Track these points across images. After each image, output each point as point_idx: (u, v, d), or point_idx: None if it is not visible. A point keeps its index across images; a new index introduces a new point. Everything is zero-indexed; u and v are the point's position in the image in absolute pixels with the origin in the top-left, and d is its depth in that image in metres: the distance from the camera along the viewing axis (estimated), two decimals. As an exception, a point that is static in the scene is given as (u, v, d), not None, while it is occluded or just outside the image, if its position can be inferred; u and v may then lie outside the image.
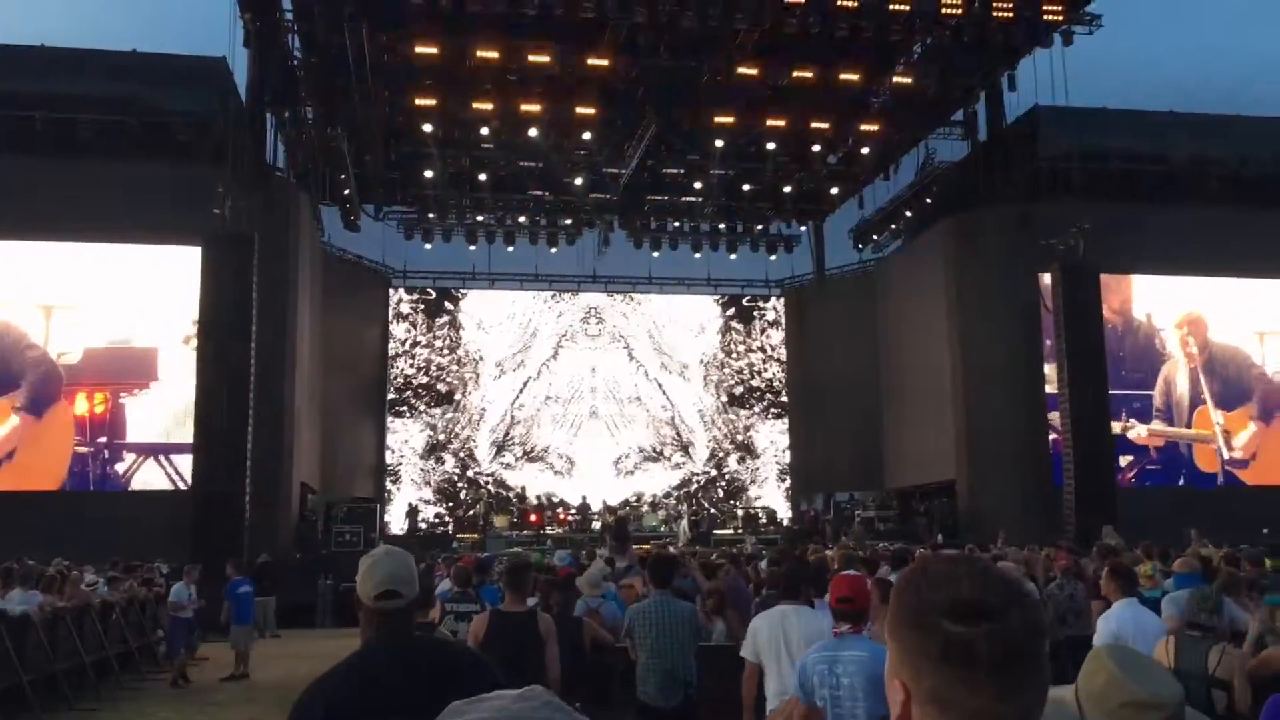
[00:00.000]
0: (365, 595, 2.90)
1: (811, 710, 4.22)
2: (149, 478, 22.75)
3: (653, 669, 6.47)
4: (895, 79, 23.85)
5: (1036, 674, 1.21)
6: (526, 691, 1.12)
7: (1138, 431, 25.83)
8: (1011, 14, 20.88)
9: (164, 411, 22.84)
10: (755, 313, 35.10)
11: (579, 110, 24.41)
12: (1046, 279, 23.91)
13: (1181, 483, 25.97)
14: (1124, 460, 25.23)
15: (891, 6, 20.13)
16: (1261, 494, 25.12)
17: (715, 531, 27.42)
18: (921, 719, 1.22)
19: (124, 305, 23.10)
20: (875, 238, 32.02)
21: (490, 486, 32.13)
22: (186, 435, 21.27)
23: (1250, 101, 28.86)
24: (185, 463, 21.65)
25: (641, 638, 6.54)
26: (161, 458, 22.84)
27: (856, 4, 20.01)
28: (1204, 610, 5.25)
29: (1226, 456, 26.34)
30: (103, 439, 22.80)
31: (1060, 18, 21.56)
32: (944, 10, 20.62)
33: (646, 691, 6.47)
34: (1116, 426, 24.35)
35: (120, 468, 22.81)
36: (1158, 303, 26.68)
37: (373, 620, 2.89)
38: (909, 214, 29.70)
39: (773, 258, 33.63)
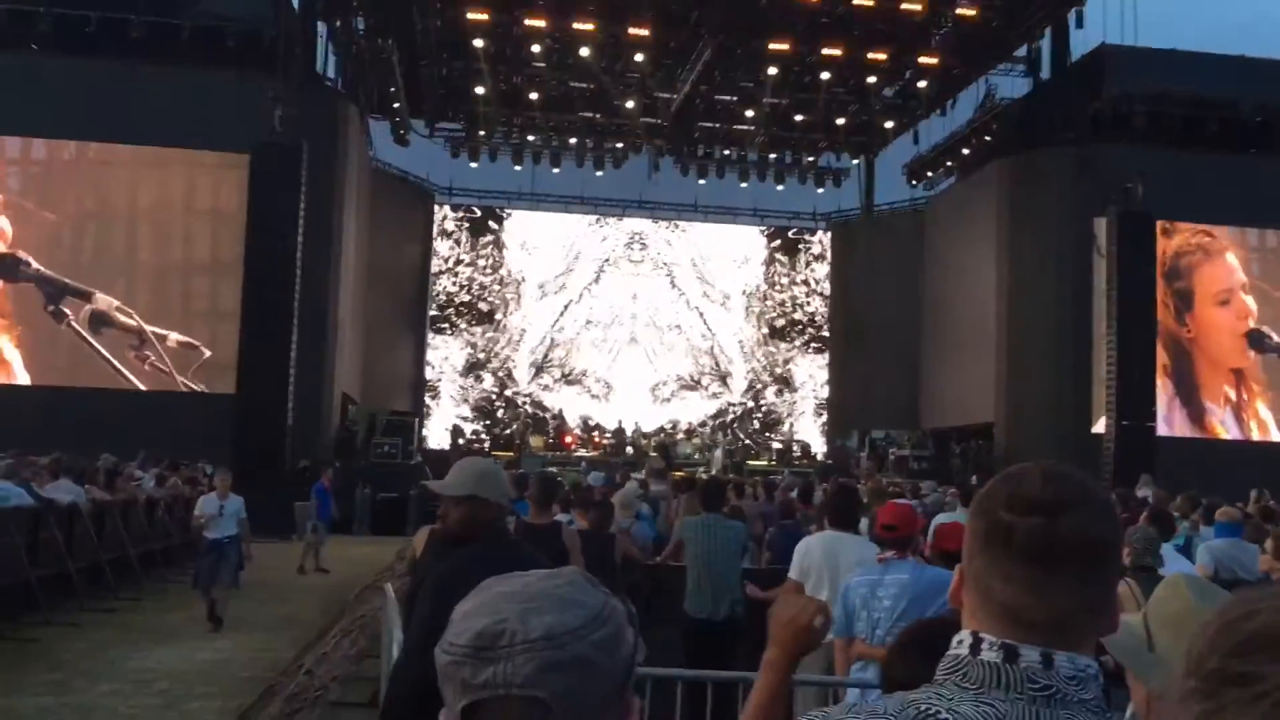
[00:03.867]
0: (453, 491, 3.21)
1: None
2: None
3: (702, 583, 6.66)
4: (959, 10, 23.19)
5: (1080, 579, 1.18)
6: (556, 571, 1.13)
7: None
8: (1084, -54, 20.17)
9: (207, 314, 23.17)
10: (800, 246, 34.77)
11: (633, 31, 24.01)
12: (1103, 224, 23.41)
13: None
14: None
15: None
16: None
17: (749, 463, 27.54)
18: (966, 604, 1.25)
19: (172, 210, 23.34)
20: (930, 174, 31.45)
21: (528, 407, 32.40)
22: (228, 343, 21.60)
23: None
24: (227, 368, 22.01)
25: (692, 552, 6.75)
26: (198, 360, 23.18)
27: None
28: (1148, 553, 5.40)
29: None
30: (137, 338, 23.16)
31: (1135, -48, 20.81)
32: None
33: (695, 604, 6.66)
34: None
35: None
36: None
37: (464, 518, 3.19)
38: (965, 151, 29.08)
39: (820, 190, 33.21)
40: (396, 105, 28.40)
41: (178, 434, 19.79)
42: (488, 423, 32.08)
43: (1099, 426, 23.02)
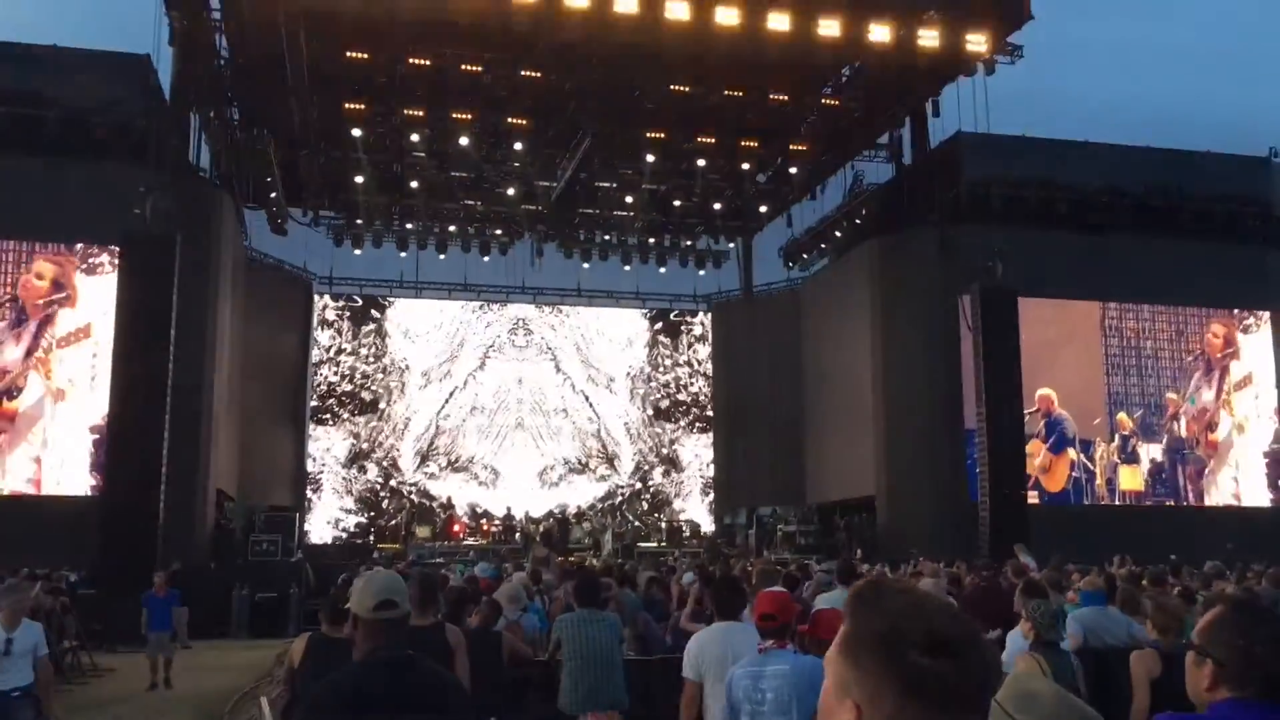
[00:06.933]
0: (364, 608, 3.11)
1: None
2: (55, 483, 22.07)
3: (578, 680, 6.55)
4: (824, 101, 24.26)
5: (988, 710, 1.28)
6: None
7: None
8: (936, 42, 21.39)
9: (72, 414, 22.21)
10: (683, 327, 35.33)
11: (511, 121, 24.40)
12: (967, 301, 24.41)
13: (1104, 500, 26.80)
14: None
15: (822, 31, 20.47)
16: (1176, 513, 26.16)
17: (639, 544, 27.49)
18: None
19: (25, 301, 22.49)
20: (805, 256, 32.48)
21: (413, 496, 31.81)
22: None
23: (1162, 135, 29.83)
24: (84, 469, 21.10)
25: (568, 649, 6.64)
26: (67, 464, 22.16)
27: (788, 27, 20.31)
28: (1050, 627, 5.61)
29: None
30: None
31: (983, 48, 22.15)
32: (872, 36, 21.04)
33: (572, 702, 6.54)
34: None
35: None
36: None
37: (371, 631, 3.10)
38: (837, 234, 30.18)
39: (701, 273, 33.95)
40: (274, 195, 28.09)
41: (38, 539, 18.80)
42: (372, 514, 31.36)
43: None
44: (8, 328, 22.28)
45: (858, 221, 29.22)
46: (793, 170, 28.30)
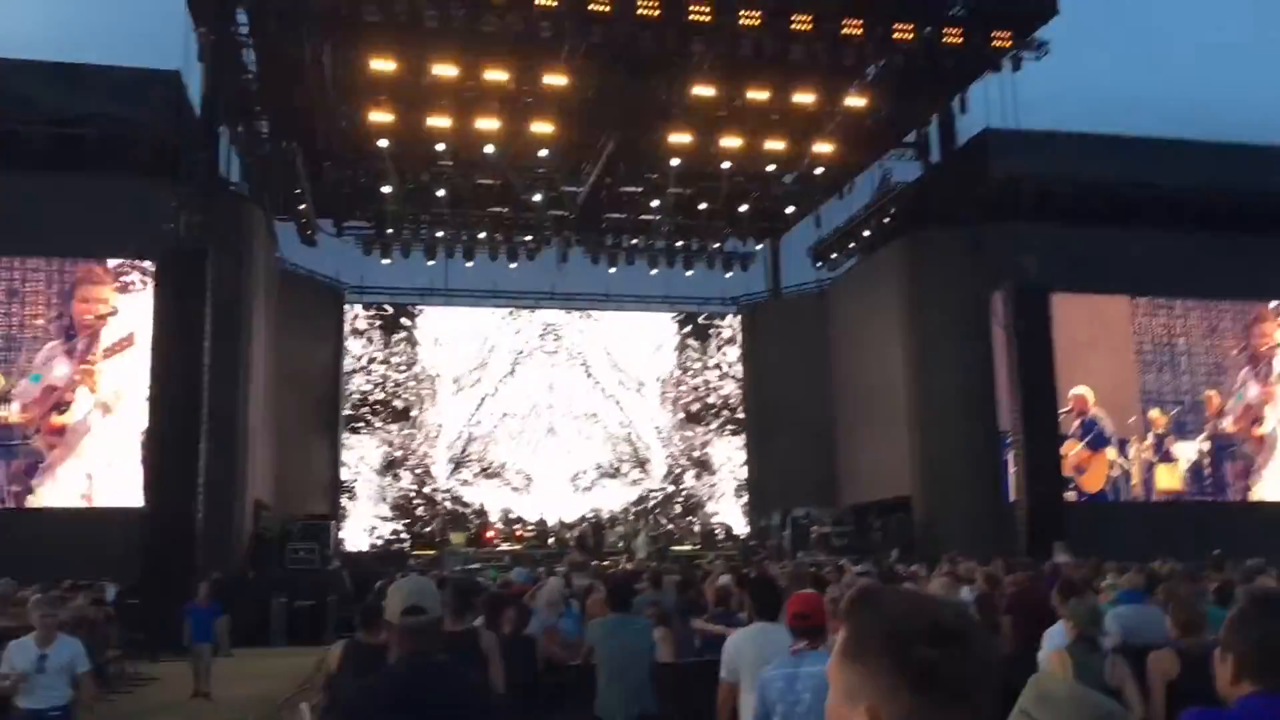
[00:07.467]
0: (394, 615, 3.18)
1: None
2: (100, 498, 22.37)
3: (611, 685, 6.60)
4: (848, 100, 24.18)
5: (995, 695, 1.28)
6: None
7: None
8: (961, 40, 21.28)
9: (112, 425, 22.50)
10: (711, 330, 35.29)
11: (536, 128, 24.49)
12: (999, 298, 24.25)
13: (1139, 499, 26.47)
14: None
15: (844, 31, 20.43)
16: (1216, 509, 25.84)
17: (673, 548, 27.49)
18: None
19: (75, 317, 22.81)
20: (834, 256, 32.36)
21: (447, 503, 31.98)
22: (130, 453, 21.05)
23: (1194, 128, 29.51)
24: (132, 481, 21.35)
25: (600, 654, 6.68)
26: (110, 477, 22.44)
27: (810, 27, 20.28)
28: (1092, 624, 5.55)
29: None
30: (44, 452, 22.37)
31: (1008, 44, 22.01)
32: (895, 35, 20.97)
33: (605, 707, 6.58)
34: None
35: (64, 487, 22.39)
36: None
37: (402, 637, 3.14)
38: (866, 233, 30.04)
39: (729, 275, 33.91)
40: (303, 206, 28.36)
41: (81, 552, 19.05)
42: (407, 521, 31.56)
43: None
44: (59, 344, 22.63)
45: (886, 220, 29.07)
46: (819, 170, 28.21)
